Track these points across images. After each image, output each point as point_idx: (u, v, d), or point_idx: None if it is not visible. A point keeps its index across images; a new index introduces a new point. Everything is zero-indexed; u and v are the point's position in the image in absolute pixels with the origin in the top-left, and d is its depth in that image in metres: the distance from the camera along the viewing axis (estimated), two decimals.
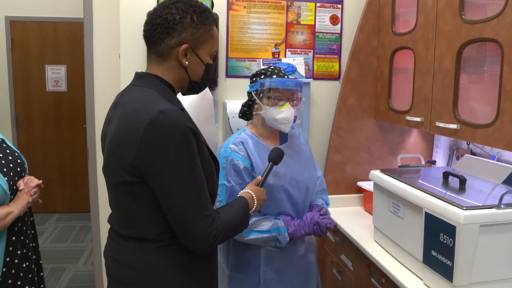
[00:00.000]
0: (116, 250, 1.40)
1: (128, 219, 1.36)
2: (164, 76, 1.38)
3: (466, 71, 1.94)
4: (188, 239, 1.29)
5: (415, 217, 1.81)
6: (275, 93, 1.91)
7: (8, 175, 1.70)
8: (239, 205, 1.49)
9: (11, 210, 1.66)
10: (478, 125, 1.81)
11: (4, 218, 1.63)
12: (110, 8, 2.88)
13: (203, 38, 1.39)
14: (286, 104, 1.90)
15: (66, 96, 5.48)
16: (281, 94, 1.91)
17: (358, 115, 2.69)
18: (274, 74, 1.95)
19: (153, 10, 1.39)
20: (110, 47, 2.91)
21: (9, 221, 1.65)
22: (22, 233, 1.76)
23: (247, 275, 1.95)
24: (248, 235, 1.86)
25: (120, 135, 1.29)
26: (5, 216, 1.63)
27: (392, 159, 2.76)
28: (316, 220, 1.93)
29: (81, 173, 5.42)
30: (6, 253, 1.68)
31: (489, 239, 1.57)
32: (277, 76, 1.94)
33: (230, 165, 1.88)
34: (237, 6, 2.63)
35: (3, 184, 1.66)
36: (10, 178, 1.71)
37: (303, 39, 2.74)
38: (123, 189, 1.32)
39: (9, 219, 1.65)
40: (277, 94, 1.91)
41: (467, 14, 1.87)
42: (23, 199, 1.71)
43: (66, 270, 4.02)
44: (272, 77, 1.93)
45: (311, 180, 2.03)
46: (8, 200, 1.68)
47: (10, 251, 1.70)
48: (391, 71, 2.50)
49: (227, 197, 1.84)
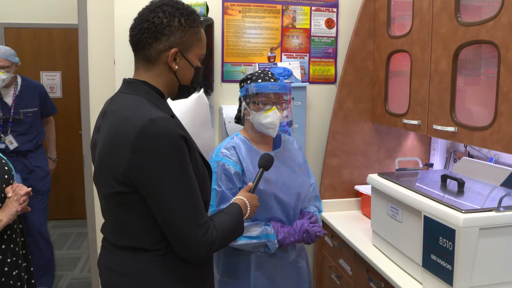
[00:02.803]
0: (111, 259, 1.38)
1: (122, 229, 1.33)
2: (153, 82, 1.35)
3: (463, 73, 1.94)
4: (183, 248, 1.27)
5: (414, 221, 1.80)
6: (260, 97, 1.88)
7: None
8: (233, 212, 1.47)
9: (0, 219, 1.63)
10: (476, 127, 1.80)
11: None
12: (105, 14, 2.87)
13: (191, 41, 1.36)
14: (272, 108, 1.87)
15: (61, 103, 5.42)
16: (267, 98, 1.88)
17: (354, 118, 2.68)
18: (260, 78, 1.91)
19: (139, 14, 1.35)
20: (105, 53, 2.90)
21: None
22: (11, 241, 1.73)
23: (237, 280, 1.93)
24: (237, 241, 1.84)
25: (110, 144, 1.27)
26: None
27: (390, 163, 2.76)
28: (306, 227, 1.91)
29: (76, 179, 5.38)
30: None
31: (489, 242, 1.57)
32: (262, 80, 1.90)
33: (221, 170, 1.86)
34: (232, 11, 2.62)
35: None
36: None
37: (299, 43, 2.73)
38: (116, 199, 1.29)
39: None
40: (262, 98, 1.88)
41: (463, 17, 1.86)
42: (12, 207, 1.67)
43: (62, 277, 3.98)
44: (257, 81, 1.90)
45: (303, 187, 2.01)
46: None
47: (0, 259, 1.68)
48: (387, 74, 2.49)
49: (218, 201, 1.83)
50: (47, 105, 3.64)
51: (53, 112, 3.74)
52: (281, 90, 1.89)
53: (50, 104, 3.70)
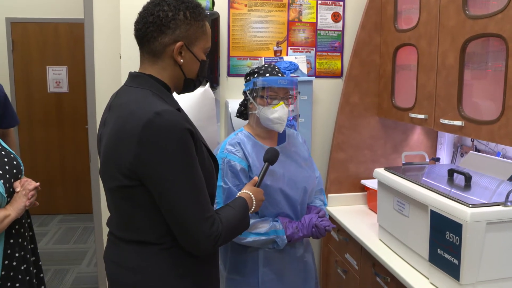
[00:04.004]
0: (117, 253, 1.38)
1: (128, 222, 1.33)
2: (159, 76, 1.36)
3: (470, 67, 1.92)
4: (189, 241, 1.27)
5: (421, 215, 1.79)
6: (268, 92, 1.86)
7: (4, 178, 1.69)
8: (239, 205, 1.47)
9: (8, 214, 1.65)
10: (483, 121, 1.79)
11: (1, 222, 1.62)
12: (111, 8, 2.87)
13: (197, 35, 1.36)
14: (279, 103, 1.86)
15: (67, 97, 5.47)
16: (275, 93, 1.87)
17: (361, 112, 2.67)
18: (267, 72, 1.90)
19: (144, 8, 1.35)
20: (111, 47, 2.90)
21: (6, 225, 1.63)
22: (20, 236, 1.75)
23: (245, 277, 1.92)
24: (246, 237, 1.84)
25: (116, 138, 1.27)
26: (2, 219, 1.62)
27: (396, 157, 2.75)
28: (315, 222, 1.90)
29: (83, 174, 5.42)
30: (5, 256, 1.67)
31: (496, 236, 1.56)
32: (270, 75, 1.89)
33: (227, 167, 1.85)
34: (238, 5, 2.61)
35: (0, 187, 1.64)
36: (6, 180, 1.69)
37: (305, 37, 2.72)
38: (122, 193, 1.29)
39: (6, 222, 1.63)
40: (270, 93, 1.86)
41: (470, 10, 1.85)
42: (20, 202, 1.69)
43: (69, 271, 4.00)
44: (265, 75, 1.89)
45: (309, 181, 2.00)
46: (5, 202, 1.67)
47: (8, 254, 1.69)
48: (394, 68, 2.48)
49: (224, 199, 1.82)
50: (7, 114, 2.66)
51: (14, 123, 2.74)
52: (290, 85, 1.88)
53: (11, 113, 2.72)
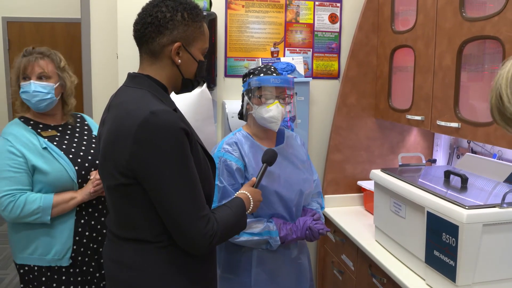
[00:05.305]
0: (115, 251, 1.39)
1: (125, 221, 1.35)
2: (157, 76, 1.37)
3: (467, 69, 1.93)
4: (184, 240, 1.28)
5: (417, 217, 1.80)
6: (262, 91, 1.87)
7: (77, 164, 1.88)
8: (235, 205, 1.47)
9: (74, 196, 1.85)
10: (480, 123, 1.80)
11: (67, 202, 1.83)
12: (108, 8, 2.86)
13: (194, 35, 1.38)
14: (274, 102, 1.85)
15: None
16: (269, 92, 1.86)
17: (358, 114, 2.68)
18: (262, 72, 1.90)
19: (143, 9, 1.37)
20: (108, 47, 2.90)
21: (72, 206, 1.84)
22: (92, 218, 1.94)
23: (239, 276, 1.93)
24: (239, 237, 1.84)
25: (113, 137, 1.29)
26: (68, 200, 1.83)
27: (393, 158, 2.75)
28: (309, 225, 1.90)
29: None
30: (75, 233, 1.88)
31: (492, 238, 1.56)
32: (264, 74, 1.89)
33: (223, 166, 1.85)
34: (236, 5, 2.61)
35: (71, 173, 1.85)
36: (80, 167, 1.89)
37: (302, 38, 2.72)
38: (119, 191, 1.31)
39: (72, 203, 1.84)
40: (264, 92, 1.86)
41: (467, 12, 1.85)
42: (87, 188, 1.88)
43: None
44: (260, 75, 1.89)
45: (306, 183, 1.99)
46: (76, 188, 1.87)
47: (79, 231, 1.89)
48: (391, 69, 2.48)
49: (219, 197, 1.82)
50: None
51: None
52: (283, 84, 1.88)
53: None
